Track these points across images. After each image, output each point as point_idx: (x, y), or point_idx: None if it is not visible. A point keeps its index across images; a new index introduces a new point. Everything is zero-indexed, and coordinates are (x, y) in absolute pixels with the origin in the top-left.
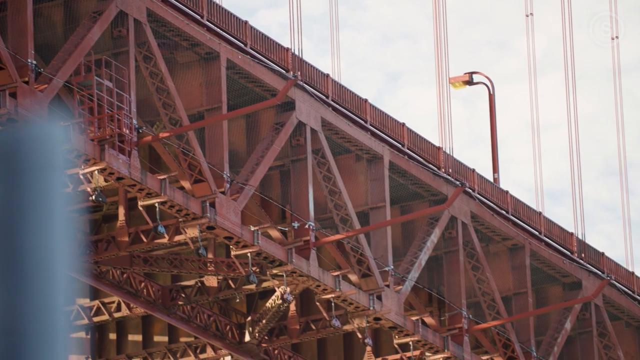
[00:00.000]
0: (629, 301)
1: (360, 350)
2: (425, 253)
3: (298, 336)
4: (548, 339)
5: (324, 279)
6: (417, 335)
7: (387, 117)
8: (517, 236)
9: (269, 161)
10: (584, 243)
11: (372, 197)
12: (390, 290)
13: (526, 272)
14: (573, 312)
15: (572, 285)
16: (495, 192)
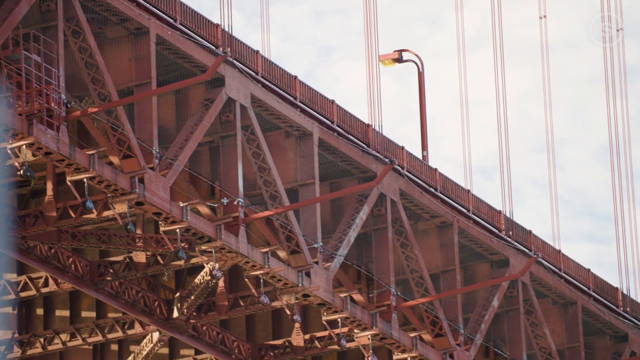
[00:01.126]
0: (555, 279)
1: (288, 327)
2: (354, 230)
3: (226, 312)
4: (475, 316)
5: (253, 255)
6: (346, 312)
7: (317, 94)
8: (445, 214)
9: (198, 137)
10: (512, 221)
11: (301, 174)
12: (319, 267)
13: (454, 249)
14: (500, 289)
15: (500, 263)
16: (424, 169)
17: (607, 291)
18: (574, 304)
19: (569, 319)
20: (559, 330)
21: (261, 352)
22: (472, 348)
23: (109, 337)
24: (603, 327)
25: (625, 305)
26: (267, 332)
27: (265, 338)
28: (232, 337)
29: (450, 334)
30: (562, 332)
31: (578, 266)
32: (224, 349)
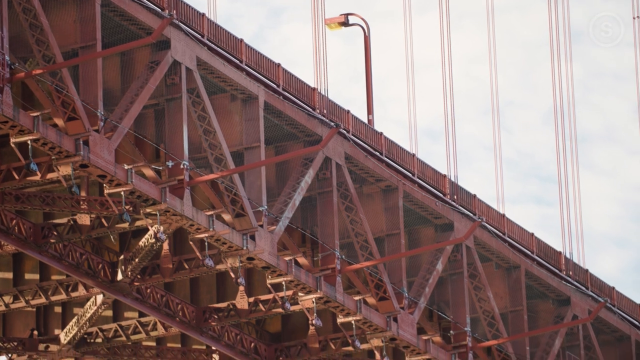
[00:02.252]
0: (499, 243)
1: (233, 290)
2: (299, 194)
3: (171, 275)
4: (420, 280)
5: (198, 218)
6: (290, 276)
7: (263, 57)
8: (390, 178)
9: (144, 100)
10: (457, 185)
11: (246, 137)
12: (264, 230)
13: (399, 213)
14: (444, 253)
15: (444, 226)
16: (369, 133)
17: (550, 255)
18: (518, 267)
19: (512, 283)
20: (502, 294)
21: (205, 315)
22: (416, 311)
23: (52, 300)
24: (546, 290)
25: (568, 269)
26: (211, 295)
27: (209, 301)
28: (176, 299)
29: (394, 298)
30: (505, 295)
31: (522, 230)
32: (168, 311)
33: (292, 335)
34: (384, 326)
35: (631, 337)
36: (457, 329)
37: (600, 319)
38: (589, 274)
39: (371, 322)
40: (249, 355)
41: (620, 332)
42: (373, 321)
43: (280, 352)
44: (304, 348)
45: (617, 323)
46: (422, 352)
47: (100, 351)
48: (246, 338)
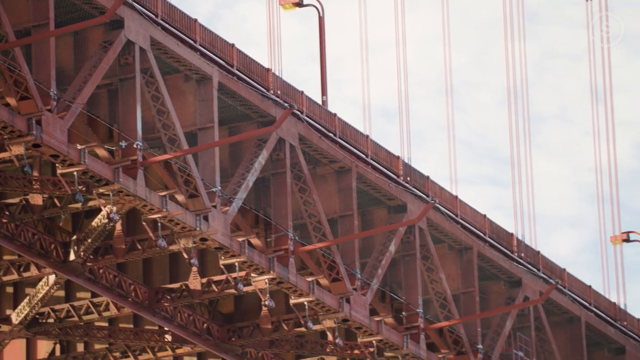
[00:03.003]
0: (452, 225)
1: (186, 271)
2: (252, 174)
3: (123, 255)
4: (372, 261)
5: (151, 198)
6: (243, 256)
7: (217, 37)
8: (344, 159)
9: (97, 79)
10: (410, 167)
11: (200, 117)
12: (217, 211)
13: (352, 194)
14: (398, 234)
15: (397, 208)
16: (323, 114)
17: (502, 237)
18: (470, 249)
19: (464, 264)
20: (454, 276)
21: (158, 296)
22: (369, 293)
23: (4, 280)
24: (498, 272)
25: (519, 250)
26: (164, 276)
27: (162, 281)
28: (129, 280)
29: (347, 279)
30: (457, 277)
31: (474, 212)
32: (121, 292)
33: (244, 316)
34: (336, 307)
35: (581, 319)
36: (410, 310)
37: (551, 300)
38: (541, 256)
39: (324, 303)
40: (202, 335)
41: (570, 314)
42: (326, 302)
43: (232, 333)
44: (257, 329)
45: (568, 304)
46: (374, 333)
47: (52, 331)
48: (199, 319)
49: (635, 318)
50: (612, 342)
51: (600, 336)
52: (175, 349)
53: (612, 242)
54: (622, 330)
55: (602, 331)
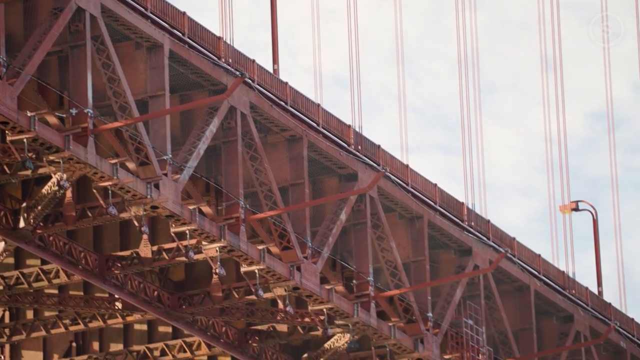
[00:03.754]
0: (402, 193)
1: (136, 238)
2: (203, 143)
3: (74, 223)
4: (323, 229)
5: (102, 166)
6: (194, 224)
7: (168, 5)
8: (295, 127)
9: (47, 46)
10: (361, 135)
11: (151, 85)
12: (168, 179)
13: (303, 163)
14: (348, 203)
15: (348, 177)
16: (274, 83)
17: (453, 206)
18: (420, 218)
19: (415, 233)
20: (405, 244)
21: (108, 263)
22: (320, 261)
23: None
24: (448, 241)
25: (470, 219)
26: (114, 243)
27: (112, 249)
28: (79, 247)
29: (298, 247)
30: (408, 245)
31: (425, 181)
32: (71, 259)
33: (195, 283)
34: (287, 275)
35: (530, 287)
36: (360, 278)
37: (500, 269)
38: (491, 225)
39: (274, 272)
40: (152, 303)
41: (520, 282)
42: (276, 270)
43: (183, 301)
44: (207, 297)
45: (517, 273)
46: (324, 301)
47: (2, 298)
48: (149, 286)
49: (584, 286)
50: (561, 310)
51: (549, 304)
52: (126, 316)
53: (561, 211)
54: (570, 299)
55: (551, 299)
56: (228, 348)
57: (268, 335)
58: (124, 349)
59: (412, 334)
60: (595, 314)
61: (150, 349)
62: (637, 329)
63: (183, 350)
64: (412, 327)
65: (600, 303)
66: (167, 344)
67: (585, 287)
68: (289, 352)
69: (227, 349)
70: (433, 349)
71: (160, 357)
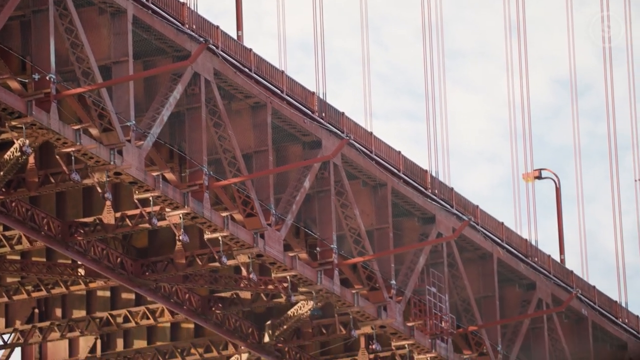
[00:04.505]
0: (366, 161)
1: (99, 205)
2: (167, 109)
3: (37, 189)
4: (287, 197)
5: (65, 132)
6: (158, 191)
7: None
8: (259, 94)
9: (9, 11)
10: (325, 102)
11: (114, 51)
12: (132, 145)
13: (267, 130)
14: (312, 170)
15: (312, 144)
16: (238, 49)
17: (416, 173)
18: (384, 185)
19: (378, 201)
20: (368, 212)
21: (71, 230)
22: (283, 228)
23: None
24: (411, 208)
25: (433, 187)
26: (77, 210)
27: (75, 215)
28: (42, 213)
29: (262, 214)
30: (371, 213)
31: (389, 148)
32: (34, 225)
33: (158, 250)
34: (250, 242)
35: (493, 255)
36: (324, 246)
37: (463, 237)
38: (454, 193)
39: (238, 239)
40: (115, 270)
41: (482, 250)
42: (240, 237)
43: (146, 268)
44: (171, 263)
45: (480, 241)
46: (288, 268)
47: None
48: (112, 253)
49: (546, 254)
50: (523, 278)
51: (511, 272)
52: (89, 282)
53: (524, 179)
54: (532, 267)
55: (514, 267)
56: (191, 315)
57: (231, 303)
58: (86, 315)
59: (375, 302)
60: (557, 282)
61: (113, 315)
62: (599, 296)
63: (146, 317)
64: (375, 295)
65: (562, 271)
66: (130, 311)
67: (548, 255)
68: (252, 319)
69: (190, 316)
70: (396, 317)
71: (123, 324)
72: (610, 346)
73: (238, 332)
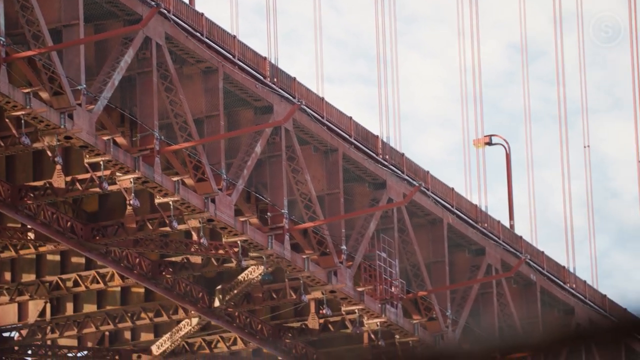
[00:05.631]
0: (318, 126)
1: (49, 169)
2: (118, 73)
3: None
4: (238, 162)
5: (14, 95)
6: (108, 155)
7: None
8: (210, 59)
9: None
10: (277, 68)
11: (65, 14)
12: (82, 109)
13: (219, 95)
14: (263, 136)
15: (264, 109)
16: (190, 13)
17: (368, 139)
18: (335, 151)
19: (329, 166)
20: (319, 177)
21: (21, 193)
22: (234, 193)
23: None
24: (362, 174)
25: (384, 153)
26: (27, 174)
27: (25, 179)
28: None
29: (213, 179)
30: (322, 178)
31: (340, 114)
32: None
33: (109, 214)
34: (201, 207)
35: (443, 220)
36: (274, 211)
37: (414, 202)
38: (405, 158)
39: (189, 203)
40: (65, 234)
41: (433, 215)
42: (191, 202)
43: (97, 232)
44: (121, 228)
45: (431, 207)
46: (239, 233)
47: None
48: (62, 217)
49: (496, 220)
50: (473, 243)
51: (461, 238)
52: (38, 246)
53: (475, 145)
54: (482, 232)
55: (463, 233)
56: (141, 279)
57: (182, 267)
58: (36, 279)
59: (325, 267)
60: (506, 247)
61: (62, 279)
62: (547, 261)
63: (96, 281)
64: (325, 260)
65: (512, 236)
66: (80, 275)
67: (498, 221)
68: (203, 284)
69: (141, 280)
70: (346, 282)
71: (73, 288)
72: (558, 311)
73: (188, 296)
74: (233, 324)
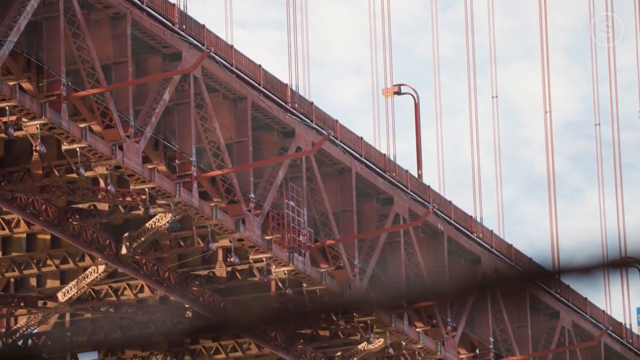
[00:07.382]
0: (226, 74)
1: None
2: (24, 17)
3: None
4: (146, 109)
5: None
6: (14, 101)
7: None
8: (119, 5)
9: None
10: (186, 15)
11: None
12: None
13: (127, 41)
14: (172, 83)
15: (172, 56)
16: None
17: (277, 87)
18: (244, 99)
19: (238, 114)
20: (228, 125)
21: None
22: (142, 140)
23: None
24: (271, 122)
25: (293, 101)
26: None
27: None
28: None
29: (121, 126)
30: (231, 126)
31: (250, 62)
32: None
33: (15, 160)
34: (109, 154)
35: (352, 169)
36: (183, 158)
37: (323, 151)
38: (314, 107)
39: (96, 150)
40: None
41: (341, 165)
42: (98, 149)
43: (2, 178)
44: (27, 174)
45: (339, 155)
46: (146, 180)
47: None
48: None
49: (404, 169)
50: (381, 192)
51: (369, 187)
52: None
53: (384, 94)
54: (390, 181)
55: (372, 182)
56: (47, 226)
57: (89, 214)
58: None
59: (233, 215)
60: (414, 197)
61: None
62: (454, 211)
63: (1, 227)
64: (233, 208)
65: (420, 186)
66: None
67: (406, 170)
68: (110, 231)
69: (47, 227)
70: (254, 230)
71: None
72: (464, 260)
73: (95, 243)
74: (140, 272)
